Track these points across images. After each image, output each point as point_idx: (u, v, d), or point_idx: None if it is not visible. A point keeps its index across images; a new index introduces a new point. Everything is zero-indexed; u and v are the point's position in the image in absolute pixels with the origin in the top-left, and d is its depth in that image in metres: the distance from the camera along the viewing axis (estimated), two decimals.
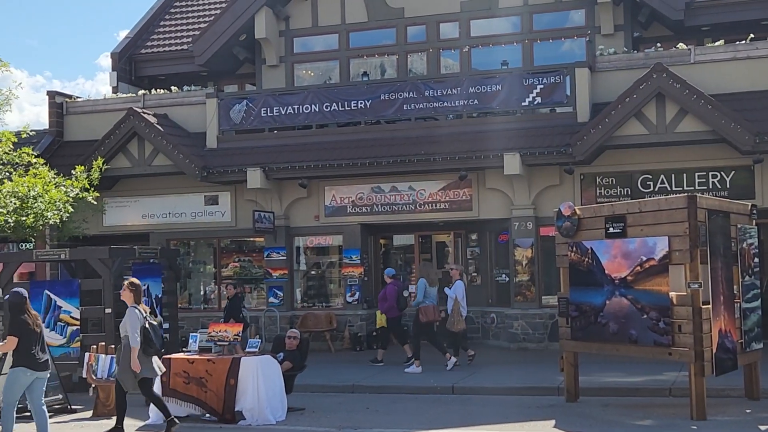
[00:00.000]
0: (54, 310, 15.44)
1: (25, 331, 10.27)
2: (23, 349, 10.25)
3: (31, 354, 10.26)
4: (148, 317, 11.51)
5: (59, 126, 22.60)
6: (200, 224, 21.65)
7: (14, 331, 10.26)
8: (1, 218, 16.88)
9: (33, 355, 10.27)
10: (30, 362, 10.26)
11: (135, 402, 13.67)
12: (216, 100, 21.13)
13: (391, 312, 17.63)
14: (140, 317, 11.34)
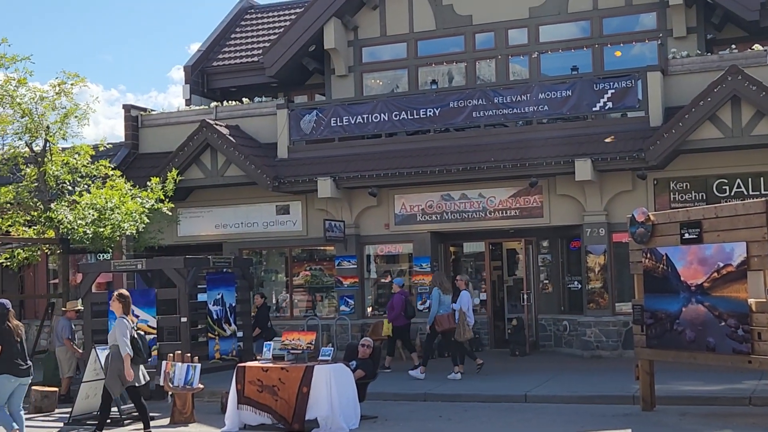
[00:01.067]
0: None
1: (8, 340, 10.83)
2: (6, 357, 10.82)
3: (14, 362, 10.87)
4: (135, 327, 12.11)
5: (135, 138, 23.10)
6: (272, 234, 21.88)
7: None
8: (80, 229, 17.28)
9: (15, 362, 10.88)
10: (12, 369, 10.86)
11: (211, 410, 13.91)
12: (286, 111, 21.36)
13: (398, 321, 18.10)
14: (129, 327, 11.91)
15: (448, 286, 17.68)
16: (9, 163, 18.40)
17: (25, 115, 17.75)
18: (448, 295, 17.49)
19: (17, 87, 17.70)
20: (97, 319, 16.26)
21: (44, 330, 19.46)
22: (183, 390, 13.30)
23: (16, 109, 17.74)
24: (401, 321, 18.11)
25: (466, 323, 17.13)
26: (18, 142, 18.16)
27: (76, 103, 18.16)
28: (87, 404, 13.63)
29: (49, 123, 18.00)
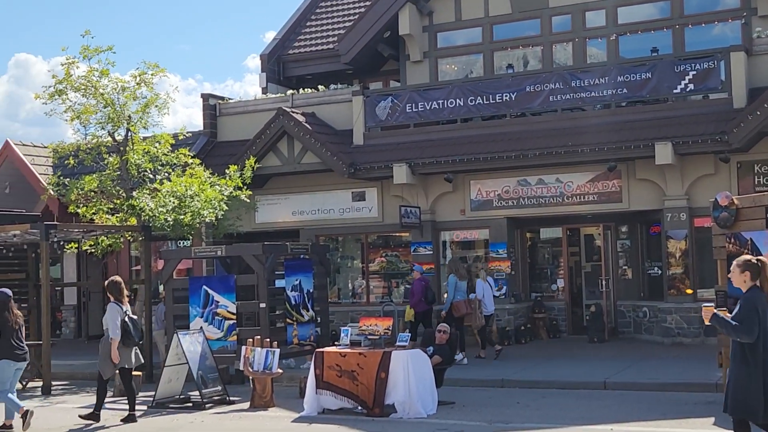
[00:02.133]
0: (212, 305, 16.03)
1: (7, 327, 11.63)
2: (5, 343, 11.62)
3: (12, 348, 11.67)
4: (128, 312, 12.52)
5: (213, 127, 23.45)
6: (348, 220, 21.99)
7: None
8: (161, 217, 17.60)
9: (14, 348, 11.69)
10: (11, 354, 11.69)
11: (290, 394, 14.09)
12: (362, 98, 21.42)
13: (419, 306, 18.40)
14: (120, 312, 12.37)
15: (463, 273, 18.37)
16: (92, 153, 18.82)
17: (107, 105, 18.13)
18: (463, 282, 18.09)
19: (100, 78, 18.07)
20: (178, 305, 16.60)
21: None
22: (262, 374, 13.48)
23: (99, 100, 18.11)
24: (422, 306, 18.37)
25: (481, 311, 17.76)
26: (101, 131, 18.54)
27: (156, 93, 18.47)
28: (169, 388, 13.92)
29: (131, 113, 18.35)
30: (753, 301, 7.78)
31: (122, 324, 12.35)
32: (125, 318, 12.45)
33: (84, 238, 18.91)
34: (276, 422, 12.03)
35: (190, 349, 13.86)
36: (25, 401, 14.52)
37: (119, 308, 12.48)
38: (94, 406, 12.51)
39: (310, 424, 11.71)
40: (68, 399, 15.03)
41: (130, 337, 12.42)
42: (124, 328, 12.35)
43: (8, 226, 17.29)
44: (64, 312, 25.73)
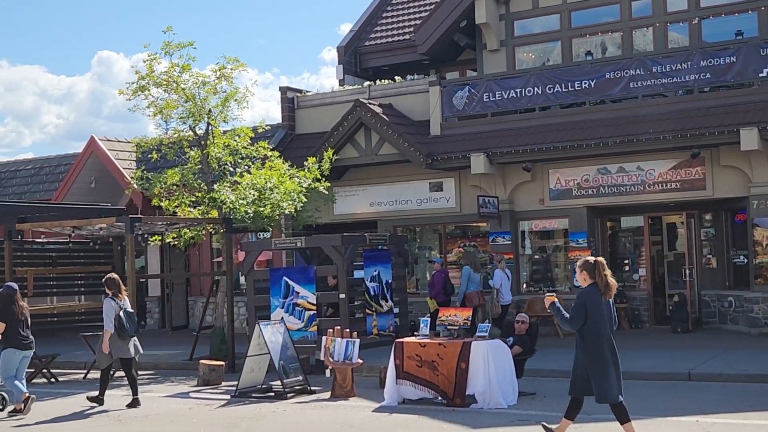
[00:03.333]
0: (292, 296, 16.20)
1: (12, 318, 12.62)
2: (11, 333, 12.63)
3: (18, 337, 12.69)
4: (125, 306, 13.32)
5: (291, 120, 23.67)
6: (425, 211, 21.99)
7: (3, 318, 12.65)
8: (241, 209, 17.85)
9: (19, 338, 12.70)
10: (17, 343, 12.69)
11: (370, 384, 14.16)
12: (438, 88, 21.36)
13: (438, 297, 18.90)
14: (115, 306, 13.15)
15: (478, 265, 19.13)
16: (174, 147, 19.17)
17: (188, 99, 18.43)
18: (477, 274, 18.89)
19: (181, 73, 18.39)
20: (259, 296, 16.83)
21: (209, 306, 20.24)
22: (343, 365, 13.58)
23: (180, 95, 18.43)
24: (441, 297, 18.94)
25: (497, 299, 18.52)
26: (182, 126, 18.86)
27: (236, 87, 18.71)
28: (251, 378, 14.12)
29: (211, 107, 18.62)
30: (584, 297, 9.05)
31: (117, 318, 13.06)
32: (120, 312, 13.17)
33: (167, 231, 19.29)
34: (357, 412, 12.11)
35: (272, 340, 14.04)
36: (113, 390, 14.94)
37: (115, 303, 13.23)
38: (99, 391, 13.46)
39: (391, 414, 11.76)
40: (153, 388, 15.36)
41: (125, 329, 13.15)
42: (120, 321, 13.07)
43: (95, 219, 17.74)
44: (149, 303, 26.29)
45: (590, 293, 9.04)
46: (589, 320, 8.99)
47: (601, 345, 9.00)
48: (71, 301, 19.91)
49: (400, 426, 10.83)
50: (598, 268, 9.04)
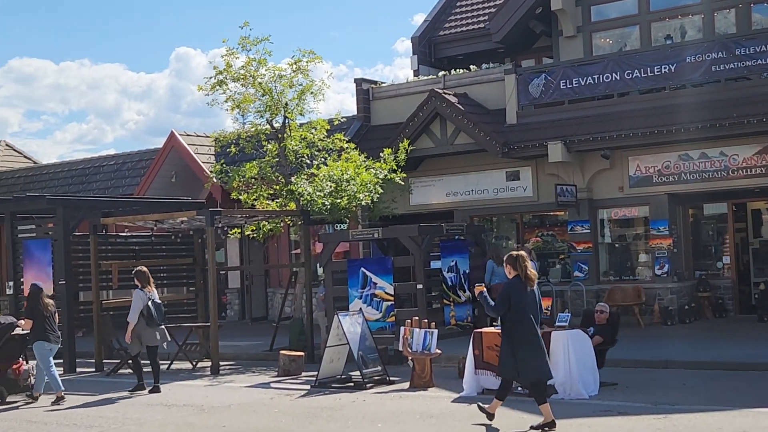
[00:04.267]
0: (369, 287, 16.25)
1: (38, 315, 13.54)
2: (39, 328, 13.52)
3: (45, 332, 13.54)
4: (152, 297, 14.29)
5: (366, 111, 23.72)
6: (502, 200, 21.83)
7: (29, 315, 13.66)
8: (318, 201, 17.97)
9: (46, 332, 13.56)
10: (44, 337, 13.53)
11: (448, 375, 14.14)
12: (514, 76, 21.15)
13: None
14: (143, 298, 14.15)
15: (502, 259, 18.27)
16: (252, 141, 19.39)
17: (265, 93, 18.62)
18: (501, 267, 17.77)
19: (258, 67, 18.58)
20: (337, 287, 16.93)
21: (288, 298, 20.43)
22: (421, 355, 13.58)
23: (257, 89, 18.62)
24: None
25: None
26: (259, 119, 19.08)
27: (311, 80, 18.83)
28: (331, 368, 14.22)
29: (288, 100, 18.78)
30: (508, 288, 10.16)
31: (146, 308, 14.12)
32: (149, 303, 14.18)
33: (246, 224, 19.54)
34: (436, 402, 12.10)
35: (351, 330, 14.11)
36: (195, 380, 15.25)
37: (143, 294, 14.25)
38: (137, 378, 14.40)
39: (471, 404, 11.70)
40: (235, 378, 15.58)
41: (152, 319, 14.17)
42: (148, 311, 14.12)
43: (176, 213, 18.07)
44: (229, 295, 26.69)
45: (513, 284, 10.16)
46: (512, 308, 10.05)
47: (523, 330, 10.03)
48: None
49: (480, 416, 10.78)
50: (519, 262, 10.15)
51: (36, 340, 13.61)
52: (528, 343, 10.07)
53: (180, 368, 17.12)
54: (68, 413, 12.37)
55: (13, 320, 14.30)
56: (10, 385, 13.95)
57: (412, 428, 10.28)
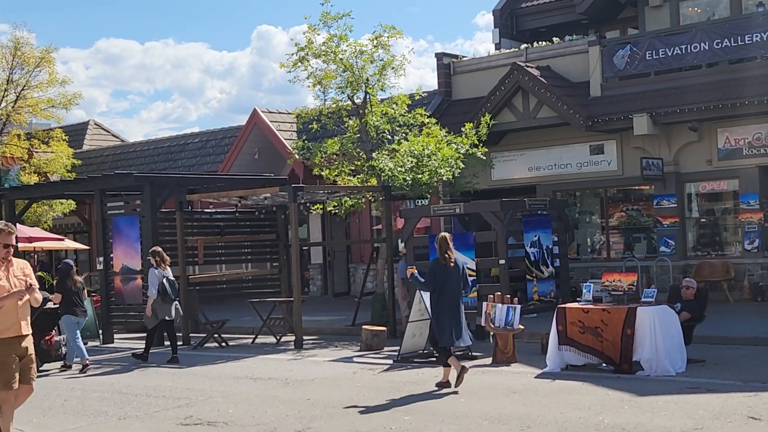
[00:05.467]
0: None
1: (67, 291, 14.62)
2: (66, 303, 14.58)
3: (73, 306, 14.72)
4: (167, 275, 15.39)
5: (447, 86, 23.59)
6: (586, 174, 21.50)
7: (59, 290, 14.66)
8: (400, 176, 17.97)
9: (74, 306, 14.74)
10: (72, 311, 14.73)
11: (531, 350, 14.05)
12: (598, 48, 20.76)
13: None
14: (159, 276, 15.26)
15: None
16: (334, 117, 19.46)
17: (346, 69, 18.64)
18: None
19: (339, 43, 18.61)
20: (419, 262, 16.91)
21: (370, 273, 20.53)
22: (504, 330, 13.51)
23: (339, 65, 18.66)
24: None
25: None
26: (341, 95, 19.12)
27: (392, 55, 18.78)
28: (413, 343, 14.24)
29: (368, 76, 18.77)
30: (432, 266, 11.70)
31: (161, 285, 15.19)
32: (164, 280, 15.26)
33: (328, 199, 19.67)
34: (519, 378, 12.04)
35: None
36: (279, 354, 15.47)
37: (159, 272, 15.36)
38: (144, 348, 15.53)
39: (554, 380, 11.62)
40: (318, 353, 15.75)
41: (168, 294, 15.26)
42: (163, 288, 15.20)
43: (259, 189, 18.29)
44: (312, 270, 26.95)
45: (436, 262, 11.64)
46: (437, 284, 11.48)
47: (443, 302, 11.48)
48: (239, 268, 20.65)
49: (563, 392, 10.69)
50: (440, 243, 11.58)
51: (65, 313, 14.79)
52: (444, 314, 11.48)
53: (264, 342, 17.38)
54: (157, 385, 12.68)
55: (47, 295, 14.81)
56: (43, 354, 14.65)
57: (495, 403, 10.25)
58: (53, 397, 12.10)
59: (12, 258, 8.56)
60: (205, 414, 10.37)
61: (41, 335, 14.69)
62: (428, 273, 11.62)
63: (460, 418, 9.53)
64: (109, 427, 9.95)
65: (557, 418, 9.29)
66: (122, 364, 15.45)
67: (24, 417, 10.67)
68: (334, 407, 10.44)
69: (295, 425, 9.45)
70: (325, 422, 9.62)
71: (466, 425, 9.18)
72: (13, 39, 28.24)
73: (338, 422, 9.61)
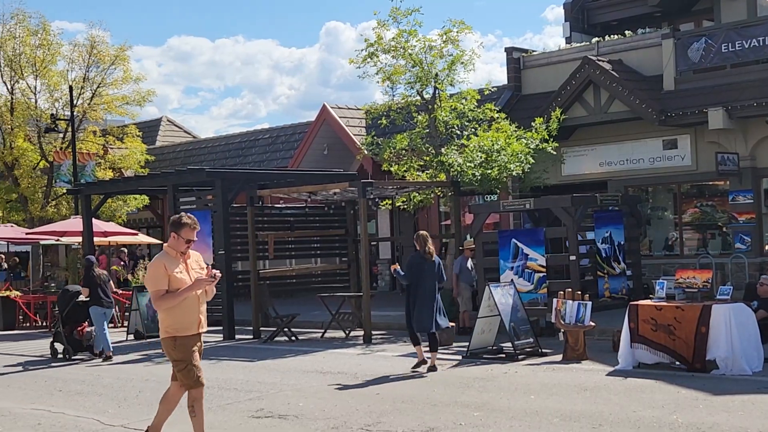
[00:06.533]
0: (521, 258, 16.11)
1: (93, 284, 15.62)
2: (93, 295, 15.64)
3: (99, 298, 15.65)
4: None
5: (517, 80, 23.42)
6: (658, 170, 21.14)
7: (85, 284, 15.79)
8: (469, 172, 17.90)
9: (100, 298, 15.66)
10: (98, 302, 15.67)
11: (602, 348, 13.88)
12: (672, 41, 20.39)
13: None
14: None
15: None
16: (403, 112, 19.48)
17: (415, 64, 18.64)
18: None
19: (408, 39, 18.61)
20: (488, 258, 16.85)
21: None
22: (574, 327, 13.36)
23: (408, 60, 18.67)
24: None
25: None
26: (410, 91, 19.14)
27: (462, 50, 18.72)
28: (482, 339, 14.18)
29: (438, 71, 18.74)
30: (410, 260, 12.96)
31: None
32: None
33: (397, 195, 19.69)
34: (590, 375, 11.90)
35: (502, 301, 14.03)
36: (348, 349, 15.55)
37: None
38: None
39: (626, 378, 11.46)
40: (387, 348, 15.78)
41: None
42: None
43: (329, 184, 18.39)
44: (380, 266, 27.01)
45: (414, 257, 12.92)
46: (414, 277, 12.73)
47: (422, 293, 12.71)
48: (308, 263, 20.81)
49: (635, 390, 10.54)
50: (419, 240, 12.96)
51: (92, 305, 15.71)
52: (421, 304, 12.72)
53: (333, 337, 17.49)
54: (228, 378, 12.84)
55: (79, 289, 16.27)
56: (75, 344, 16.01)
57: (566, 401, 10.14)
58: (128, 389, 12.34)
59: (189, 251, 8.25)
60: (275, 407, 10.47)
61: (74, 326, 16.06)
62: (406, 267, 12.89)
63: (530, 415, 9.45)
64: (183, 419, 10.10)
65: (630, 416, 9.16)
66: None
67: (100, 407, 10.93)
68: (404, 402, 10.45)
69: (364, 419, 9.49)
70: (395, 417, 9.64)
71: (537, 422, 9.10)
72: (89, 38, 28.92)
73: (408, 417, 9.61)
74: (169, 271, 7.92)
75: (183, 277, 7.98)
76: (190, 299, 7.99)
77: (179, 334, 7.97)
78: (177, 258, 8.07)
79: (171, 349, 8.03)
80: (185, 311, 7.99)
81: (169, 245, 8.14)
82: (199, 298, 8.07)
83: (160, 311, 8.06)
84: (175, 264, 8.01)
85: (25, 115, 28.60)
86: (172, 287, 7.91)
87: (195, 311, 8.05)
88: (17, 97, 28.65)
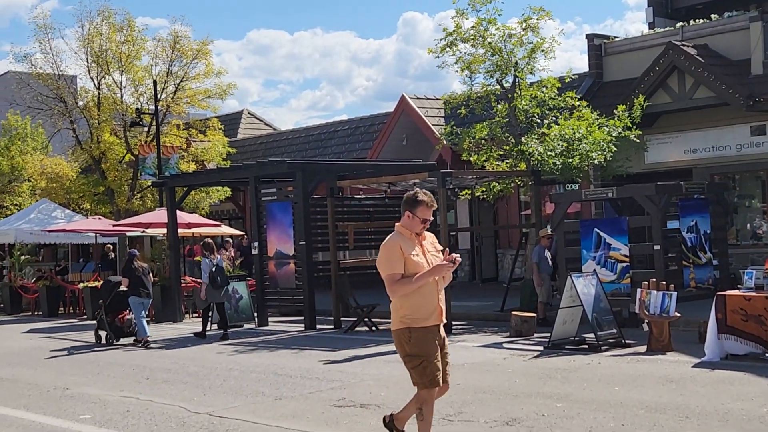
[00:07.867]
0: (604, 248, 15.86)
1: (133, 275, 16.81)
2: (132, 286, 16.82)
3: (137, 288, 16.81)
4: (218, 263, 17.32)
5: (598, 67, 23.06)
6: (746, 156, 20.59)
7: (125, 275, 17.04)
8: (549, 161, 17.70)
9: (138, 289, 16.79)
10: (137, 293, 16.81)
11: (687, 339, 13.60)
12: (760, 24, 19.81)
13: None
14: (210, 264, 17.24)
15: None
16: (482, 101, 19.36)
17: (495, 53, 18.50)
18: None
19: (487, 27, 18.47)
20: (570, 248, 16.65)
21: (518, 259, 20.34)
22: (659, 318, 13.12)
23: (487, 49, 18.54)
24: None
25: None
26: (489, 80, 19.01)
27: (542, 38, 18.50)
28: (564, 330, 14.03)
29: (518, 59, 18.57)
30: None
31: (211, 273, 17.10)
32: (213, 269, 17.14)
33: (476, 185, 19.59)
34: (675, 367, 11.67)
35: (584, 292, 13.85)
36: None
37: (209, 262, 17.30)
38: (201, 327, 17.57)
39: (713, 370, 11.20)
40: (467, 338, 15.73)
41: (217, 281, 17.16)
42: (213, 275, 17.09)
43: (408, 175, 18.40)
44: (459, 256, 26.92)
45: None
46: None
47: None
48: None
49: (723, 383, 10.30)
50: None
51: (131, 294, 16.86)
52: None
53: None
54: (310, 368, 12.97)
55: (120, 279, 17.50)
56: (117, 331, 17.22)
57: (651, 392, 9.96)
58: (213, 377, 12.56)
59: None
60: (357, 396, 10.53)
61: (116, 314, 17.25)
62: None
63: (614, 406, 9.32)
64: (266, 407, 10.24)
65: (717, 409, 8.95)
66: (276, 346, 15.89)
67: (187, 395, 11.14)
68: (485, 392, 10.41)
69: (446, 409, 9.47)
70: (477, 407, 9.60)
71: (622, 414, 8.96)
72: (172, 33, 29.41)
73: (489, 407, 9.57)
74: (406, 253, 7.02)
75: (420, 261, 7.06)
76: (428, 285, 7.05)
77: (416, 325, 7.09)
78: (412, 239, 7.16)
79: (405, 342, 7.15)
80: (424, 299, 7.08)
81: (403, 225, 7.20)
82: (438, 284, 7.14)
83: (394, 298, 7.13)
84: (411, 246, 7.10)
85: (111, 110, 29.25)
86: (408, 272, 7.01)
87: (434, 299, 7.12)
88: (104, 92, 29.33)
